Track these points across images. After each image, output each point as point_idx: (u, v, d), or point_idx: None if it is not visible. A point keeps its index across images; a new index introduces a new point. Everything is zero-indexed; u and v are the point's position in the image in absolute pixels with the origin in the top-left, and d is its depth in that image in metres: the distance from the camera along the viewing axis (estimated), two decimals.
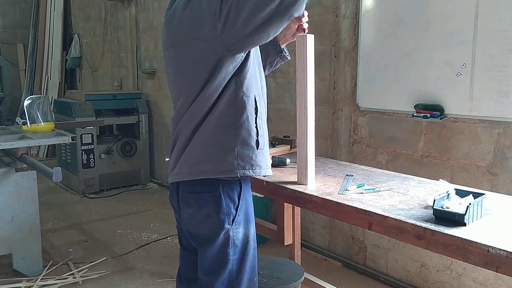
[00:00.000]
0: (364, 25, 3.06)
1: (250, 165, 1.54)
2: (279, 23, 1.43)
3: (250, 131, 1.53)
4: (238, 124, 1.51)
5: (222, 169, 1.52)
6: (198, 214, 1.59)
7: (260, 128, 1.57)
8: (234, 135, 1.51)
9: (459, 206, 1.45)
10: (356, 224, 1.71)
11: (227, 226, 1.56)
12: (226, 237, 1.57)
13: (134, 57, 5.86)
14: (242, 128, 1.52)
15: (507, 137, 2.43)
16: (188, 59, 1.52)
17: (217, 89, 1.49)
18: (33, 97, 3.43)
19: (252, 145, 1.54)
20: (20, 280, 3.12)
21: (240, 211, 1.59)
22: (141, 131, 5.59)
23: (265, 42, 1.50)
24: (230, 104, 1.50)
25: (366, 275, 3.24)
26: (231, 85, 1.50)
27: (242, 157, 1.52)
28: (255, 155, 1.55)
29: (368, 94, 3.10)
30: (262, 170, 1.59)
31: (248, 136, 1.53)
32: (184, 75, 1.56)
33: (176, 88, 1.61)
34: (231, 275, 1.60)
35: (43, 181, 5.22)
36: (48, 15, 7.30)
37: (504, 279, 2.49)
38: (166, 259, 3.53)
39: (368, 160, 3.15)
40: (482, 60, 2.44)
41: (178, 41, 1.55)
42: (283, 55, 1.94)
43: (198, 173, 1.54)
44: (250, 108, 1.53)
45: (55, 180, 2.77)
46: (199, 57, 1.49)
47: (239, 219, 1.59)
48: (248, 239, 1.62)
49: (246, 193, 1.61)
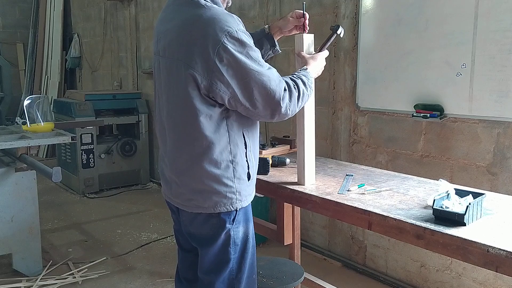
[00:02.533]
0: (363, 25, 3.06)
1: (245, 197, 1.62)
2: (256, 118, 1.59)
3: (244, 166, 1.60)
4: (235, 162, 1.56)
5: (221, 204, 1.56)
6: (198, 215, 1.60)
7: (250, 161, 1.62)
8: (232, 172, 1.56)
9: (458, 206, 1.45)
10: (356, 224, 1.71)
11: (228, 226, 1.58)
12: (227, 236, 1.59)
13: (134, 57, 5.86)
14: (239, 165, 1.58)
15: (507, 137, 2.43)
16: (178, 78, 1.52)
17: (210, 128, 1.52)
18: (33, 97, 3.43)
19: (245, 179, 1.61)
20: (20, 280, 3.12)
21: (239, 210, 1.60)
22: (141, 131, 5.59)
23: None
24: (226, 144, 1.54)
25: (366, 275, 3.24)
26: (223, 125, 1.54)
27: (240, 192, 1.59)
28: (247, 186, 1.62)
29: (368, 94, 3.10)
30: (250, 197, 1.66)
31: (242, 172, 1.59)
32: (173, 89, 1.57)
33: (166, 95, 1.61)
34: (231, 274, 1.61)
35: (43, 181, 5.21)
36: (48, 15, 7.30)
37: (504, 279, 2.49)
38: (166, 259, 3.53)
39: (368, 160, 3.15)
40: (482, 60, 2.44)
41: (174, 56, 1.54)
42: (276, 49, 1.96)
43: (195, 208, 1.59)
44: (241, 145, 1.58)
45: (54, 180, 2.77)
46: (185, 81, 1.49)
47: (239, 218, 1.61)
48: (247, 237, 1.64)
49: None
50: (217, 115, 1.52)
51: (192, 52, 1.46)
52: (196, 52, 1.45)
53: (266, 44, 1.91)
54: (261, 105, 1.50)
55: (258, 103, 1.49)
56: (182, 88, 1.50)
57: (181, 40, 1.50)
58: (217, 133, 1.52)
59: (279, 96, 1.50)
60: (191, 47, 1.47)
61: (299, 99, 1.58)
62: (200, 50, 1.45)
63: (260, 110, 1.51)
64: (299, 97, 1.58)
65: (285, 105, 1.52)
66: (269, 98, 1.49)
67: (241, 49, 1.45)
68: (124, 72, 6.14)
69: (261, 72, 1.47)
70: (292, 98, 1.55)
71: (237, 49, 1.44)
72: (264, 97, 1.49)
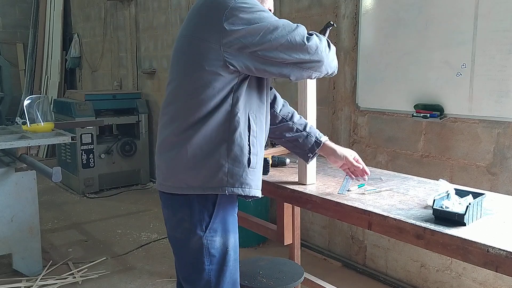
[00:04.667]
0: (364, 25, 3.06)
1: (240, 183, 1.49)
2: (281, 74, 1.49)
3: (243, 148, 1.49)
4: (231, 139, 1.47)
5: (210, 185, 1.48)
6: (173, 217, 1.57)
7: (253, 146, 1.52)
8: (225, 150, 1.47)
9: (458, 206, 1.45)
10: (356, 224, 1.71)
11: (200, 233, 1.50)
12: (199, 244, 1.51)
13: (134, 57, 5.86)
14: (235, 144, 1.48)
15: (507, 137, 2.43)
16: (187, 53, 1.52)
17: (213, 101, 1.46)
18: (33, 97, 3.43)
19: (244, 162, 1.49)
20: (20, 280, 3.12)
21: (215, 218, 1.52)
22: (141, 131, 5.58)
23: (261, 77, 1.54)
24: (225, 119, 1.47)
25: (366, 275, 3.24)
26: (228, 100, 1.48)
27: (232, 174, 1.48)
28: (246, 173, 1.50)
29: (368, 94, 3.10)
30: (252, 190, 1.53)
31: (240, 153, 1.48)
32: (180, 68, 1.55)
33: (171, 74, 1.60)
34: (208, 286, 1.54)
35: (43, 181, 5.21)
36: (48, 15, 7.30)
37: (503, 279, 2.49)
38: (165, 259, 3.53)
39: (368, 160, 3.15)
40: (482, 60, 2.44)
41: (183, 33, 1.55)
42: (308, 157, 1.84)
43: (185, 188, 1.50)
44: (244, 125, 1.49)
45: (54, 180, 2.77)
46: (197, 54, 1.48)
47: (215, 226, 1.52)
48: (227, 250, 1.55)
49: (225, 201, 1.54)
50: (225, 89, 1.47)
51: (201, 23, 1.47)
52: (205, 23, 1.46)
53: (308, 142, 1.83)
54: (287, 54, 1.43)
55: (281, 53, 1.43)
56: (190, 62, 1.49)
57: (192, 20, 1.52)
58: (218, 107, 1.46)
59: (302, 37, 1.44)
60: (199, 19, 1.48)
61: (328, 45, 1.51)
62: (208, 20, 1.45)
63: (288, 58, 1.44)
64: (326, 42, 1.51)
65: (313, 43, 1.45)
66: (291, 44, 1.43)
67: (249, 8, 1.43)
68: (124, 72, 6.14)
69: (276, 24, 1.43)
70: (320, 39, 1.49)
71: (245, 9, 1.43)
72: (286, 45, 1.42)
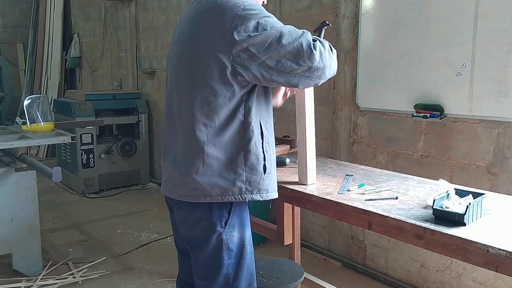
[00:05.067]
0: (364, 25, 3.06)
1: (258, 190, 1.55)
2: (288, 84, 1.50)
3: (258, 156, 1.54)
4: (247, 149, 1.51)
5: (229, 193, 1.51)
6: (190, 216, 1.57)
7: (267, 153, 1.56)
8: (243, 159, 1.51)
9: (458, 206, 1.45)
10: (356, 224, 1.71)
11: (220, 229, 1.54)
12: (219, 240, 1.54)
13: (134, 57, 5.86)
14: (251, 153, 1.52)
15: (507, 137, 2.43)
16: (195, 60, 1.51)
17: (225, 112, 1.49)
18: (33, 97, 3.43)
19: (260, 170, 1.54)
20: (20, 280, 3.12)
21: (233, 214, 1.56)
22: (141, 131, 5.59)
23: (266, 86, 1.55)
24: (239, 129, 1.51)
25: (366, 275, 3.24)
26: (240, 110, 1.50)
27: (250, 182, 1.53)
28: (262, 179, 1.55)
29: (368, 94, 3.10)
30: (269, 194, 1.59)
31: (256, 162, 1.53)
32: (187, 74, 1.55)
33: (177, 84, 1.60)
34: (227, 280, 1.57)
35: (43, 181, 5.21)
36: (48, 15, 7.30)
37: (503, 279, 2.49)
38: (165, 259, 3.53)
39: (368, 160, 3.15)
40: (482, 60, 2.44)
41: (190, 39, 1.54)
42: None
43: (201, 197, 1.52)
44: (257, 133, 1.53)
45: (54, 180, 2.77)
46: (205, 62, 1.48)
47: (233, 222, 1.56)
48: (244, 243, 1.59)
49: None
50: (235, 98, 1.49)
51: (208, 31, 1.47)
52: (213, 31, 1.46)
53: None
54: (294, 62, 1.44)
55: (289, 62, 1.44)
56: (199, 70, 1.49)
57: (197, 25, 1.52)
58: (231, 117, 1.49)
59: (308, 44, 1.44)
60: (206, 27, 1.48)
61: (330, 49, 1.53)
62: (217, 29, 1.45)
63: (296, 68, 1.44)
64: (328, 47, 1.52)
65: (318, 50, 1.45)
66: (298, 51, 1.44)
67: (256, 15, 1.45)
68: (124, 72, 6.14)
69: (282, 30, 1.44)
70: (323, 45, 1.50)
71: (253, 16, 1.44)
72: (293, 53, 1.43)
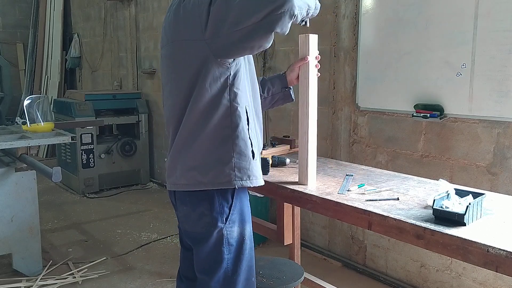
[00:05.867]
0: (364, 25, 3.06)
1: (247, 176, 1.56)
2: (262, 37, 1.44)
3: (246, 141, 1.55)
4: (234, 135, 1.53)
5: (220, 180, 1.53)
6: (192, 213, 1.60)
7: (253, 139, 1.58)
8: (231, 146, 1.53)
9: (458, 206, 1.45)
10: (356, 224, 1.71)
11: (220, 225, 1.57)
12: (219, 235, 1.57)
13: (134, 57, 5.86)
14: (239, 139, 1.54)
15: (507, 137, 2.43)
16: (178, 58, 1.55)
17: (211, 99, 1.51)
18: (33, 97, 3.43)
19: (249, 155, 1.56)
20: (20, 280, 3.12)
21: (234, 209, 1.59)
22: (141, 131, 5.59)
23: (251, 54, 1.54)
24: (226, 115, 1.52)
25: (366, 275, 3.24)
26: (225, 96, 1.52)
27: (239, 168, 1.54)
28: (251, 165, 1.57)
29: (368, 94, 3.10)
30: (258, 180, 1.61)
31: (244, 147, 1.55)
32: (174, 73, 1.58)
33: (169, 86, 1.63)
34: (226, 274, 1.60)
35: (43, 181, 5.21)
36: (48, 15, 7.30)
37: (503, 279, 2.49)
38: (165, 259, 3.53)
39: (368, 160, 3.15)
40: (482, 60, 2.44)
41: (170, 39, 1.58)
42: (287, 92, 1.96)
43: (196, 184, 1.55)
44: (244, 118, 1.55)
45: (54, 180, 2.77)
46: (186, 56, 1.51)
47: (233, 218, 1.59)
48: (243, 239, 1.62)
49: (241, 192, 1.62)
50: (220, 83, 1.50)
51: (186, 24, 1.49)
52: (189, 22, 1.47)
53: (277, 83, 1.93)
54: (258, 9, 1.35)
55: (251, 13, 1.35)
56: (183, 64, 1.52)
57: (174, 23, 1.54)
58: (217, 103, 1.51)
59: None
60: (183, 22, 1.50)
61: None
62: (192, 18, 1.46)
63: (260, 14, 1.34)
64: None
65: None
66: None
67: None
68: (124, 72, 6.14)
69: None
70: None
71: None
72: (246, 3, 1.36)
